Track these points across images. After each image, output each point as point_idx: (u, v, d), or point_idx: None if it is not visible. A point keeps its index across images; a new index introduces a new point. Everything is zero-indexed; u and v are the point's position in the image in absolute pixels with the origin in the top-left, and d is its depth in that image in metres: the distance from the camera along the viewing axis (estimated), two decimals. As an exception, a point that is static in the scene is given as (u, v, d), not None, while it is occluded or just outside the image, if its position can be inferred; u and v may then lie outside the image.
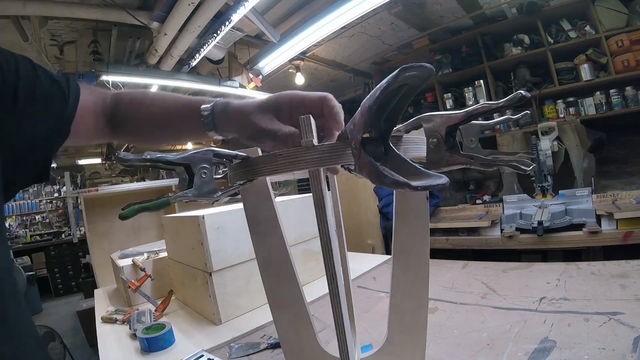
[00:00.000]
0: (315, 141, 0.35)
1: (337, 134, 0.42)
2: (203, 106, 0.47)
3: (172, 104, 0.52)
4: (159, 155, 0.40)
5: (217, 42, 2.30)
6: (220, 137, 0.49)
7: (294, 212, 1.27)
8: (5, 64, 0.43)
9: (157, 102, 0.55)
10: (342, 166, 0.35)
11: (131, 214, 0.39)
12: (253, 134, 0.45)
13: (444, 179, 0.25)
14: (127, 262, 1.37)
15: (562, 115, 2.73)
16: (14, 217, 5.65)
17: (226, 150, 0.43)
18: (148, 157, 0.41)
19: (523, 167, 0.39)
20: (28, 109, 0.45)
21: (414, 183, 0.24)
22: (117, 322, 1.15)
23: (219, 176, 0.48)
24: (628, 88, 2.52)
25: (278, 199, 1.36)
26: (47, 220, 5.90)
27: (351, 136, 0.31)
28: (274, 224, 0.53)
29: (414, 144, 0.39)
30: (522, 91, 0.35)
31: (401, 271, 0.45)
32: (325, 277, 0.38)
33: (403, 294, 0.45)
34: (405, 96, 0.30)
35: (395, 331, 0.45)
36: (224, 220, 1.07)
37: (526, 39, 2.86)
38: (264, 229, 0.53)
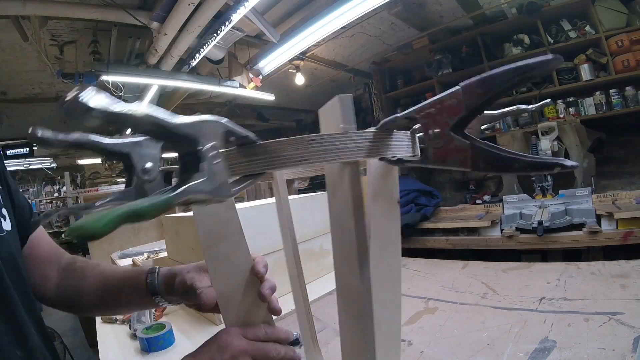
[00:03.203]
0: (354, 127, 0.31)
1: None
2: (149, 270, 0.55)
3: (119, 272, 0.61)
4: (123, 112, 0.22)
5: (217, 42, 2.30)
6: (165, 304, 0.55)
7: (293, 212, 1.27)
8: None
9: (107, 269, 0.62)
10: (381, 159, 0.32)
11: (109, 228, 0.20)
12: (184, 292, 0.49)
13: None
14: (127, 262, 1.37)
15: (562, 115, 2.73)
16: (14, 217, 5.64)
17: (239, 127, 0.30)
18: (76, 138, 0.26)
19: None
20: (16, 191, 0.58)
21: (568, 162, 0.22)
22: (117, 322, 1.15)
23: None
24: (628, 88, 2.52)
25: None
26: (47, 220, 5.89)
27: (427, 121, 0.28)
28: (237, 240, 0.42)
29: (400, 142, 0.33)
30: (548, 100, 0.35)
31: (379, 279, 0.40)
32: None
33: (380, 304, 0.40)
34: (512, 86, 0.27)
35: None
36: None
37: (526, 39, 2.86)
38: (224, 249, 0.42)
